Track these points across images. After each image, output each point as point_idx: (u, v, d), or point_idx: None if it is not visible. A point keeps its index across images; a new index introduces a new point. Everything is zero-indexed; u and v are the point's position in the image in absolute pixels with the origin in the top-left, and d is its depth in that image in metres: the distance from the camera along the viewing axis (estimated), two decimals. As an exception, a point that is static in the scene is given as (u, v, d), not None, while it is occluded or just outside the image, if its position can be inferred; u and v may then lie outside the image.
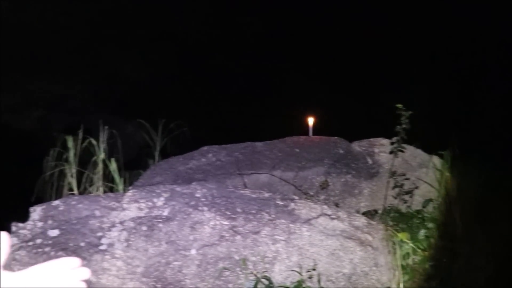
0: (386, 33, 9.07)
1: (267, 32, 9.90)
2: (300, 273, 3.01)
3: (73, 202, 3.16)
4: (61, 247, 2.93)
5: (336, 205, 4.12)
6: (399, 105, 4.23)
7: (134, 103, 8.85)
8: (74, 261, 0.89)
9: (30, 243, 2.95)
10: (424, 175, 4.60)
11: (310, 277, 3.03)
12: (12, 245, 2.91)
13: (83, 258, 2.88)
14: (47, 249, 2.92)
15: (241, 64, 9.75)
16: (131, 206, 3.15)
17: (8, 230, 2.99)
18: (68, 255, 2.88)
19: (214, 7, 9.93)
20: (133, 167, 5.21)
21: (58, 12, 8.89)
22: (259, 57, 9.82)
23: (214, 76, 9.72)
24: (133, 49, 9.51)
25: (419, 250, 3.51)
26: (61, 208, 3.12)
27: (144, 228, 3.03)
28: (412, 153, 4.73)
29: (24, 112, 8.66)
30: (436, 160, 4.66)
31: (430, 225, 3.70)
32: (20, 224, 3.04)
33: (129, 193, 3.24)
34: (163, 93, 9.33)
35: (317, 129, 5.33)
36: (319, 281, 3.02)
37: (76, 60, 8.90)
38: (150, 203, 3.18)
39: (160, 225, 3.05)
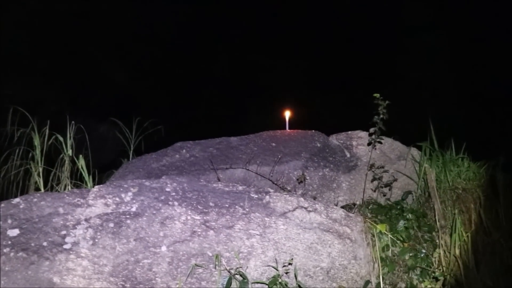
0: (363, 26, 9.04)
1: (243, 29, 9.82)
2: (276, 268, 2.89)
3: (35, 200, 2.98)
4: (22, 247, 2.75)
5: (314, 199, 4.01)
6: (377, 95, 4.13)
7: (109, 103, 8.69)
8: None
9: (-12, 244, 2.77)
10: (403, 168, 4.53)
11: (286, 272, 2.91)
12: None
13: (46, 258, 2.72)
14: (6, 250, 2.73)
15: (217, 60, 9.66)
16: (97, 202, 2.99)
17: None
18: (29, 255, 2.72)
19: (188, 6, 9.83)
20: (107, 167, 5.06)
21: (34, 15, 8.71)
22: (236, 54, 9.74)
23: (190, 73, 9.62)
24: (108, 50, 9.37)
25: (398, 242, 3.41)
26: (21, 206, 2.94)
27: (111, 225, 2.87)
28: (390, 145, 4.65)
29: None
30: (414, 152, 4.60)
31: (409, 216, 3.60)
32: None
33: (95, 189, 3.07)
34: (139, 92, 9.20)
35: (294, 123, 5.21)
36: (296, 276, 2.90)
37: (52, 63, 8.72)
38: (117, 199, 3.02)
39: (128, 221, 2.90)
